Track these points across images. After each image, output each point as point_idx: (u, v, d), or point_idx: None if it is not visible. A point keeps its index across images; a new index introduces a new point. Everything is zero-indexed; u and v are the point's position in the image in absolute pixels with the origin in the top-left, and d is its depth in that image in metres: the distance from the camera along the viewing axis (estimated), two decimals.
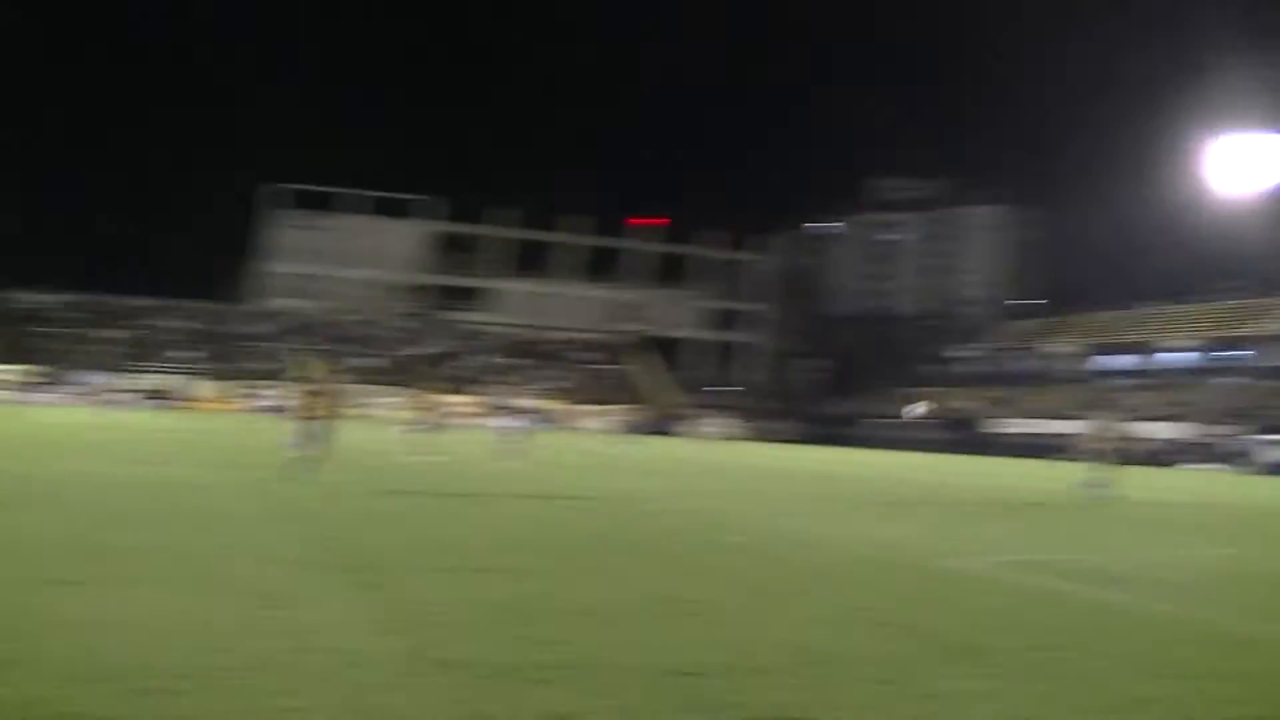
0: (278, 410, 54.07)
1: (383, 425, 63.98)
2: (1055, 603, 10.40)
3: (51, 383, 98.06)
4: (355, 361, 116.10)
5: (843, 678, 6.96)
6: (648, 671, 6.81)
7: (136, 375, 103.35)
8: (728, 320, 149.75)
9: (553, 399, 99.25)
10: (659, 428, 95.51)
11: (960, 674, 7.21)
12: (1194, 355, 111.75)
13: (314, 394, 22.81)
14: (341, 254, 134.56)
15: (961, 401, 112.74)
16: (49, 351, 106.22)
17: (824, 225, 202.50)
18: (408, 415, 37.67)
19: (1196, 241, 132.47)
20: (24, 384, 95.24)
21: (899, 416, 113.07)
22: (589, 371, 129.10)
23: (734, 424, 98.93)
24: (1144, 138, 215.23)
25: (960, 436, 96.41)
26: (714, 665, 7.05)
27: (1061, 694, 6.84)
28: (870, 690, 6.68)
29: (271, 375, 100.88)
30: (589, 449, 52.06)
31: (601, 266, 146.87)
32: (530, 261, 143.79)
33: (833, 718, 6.04)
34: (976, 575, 12.15)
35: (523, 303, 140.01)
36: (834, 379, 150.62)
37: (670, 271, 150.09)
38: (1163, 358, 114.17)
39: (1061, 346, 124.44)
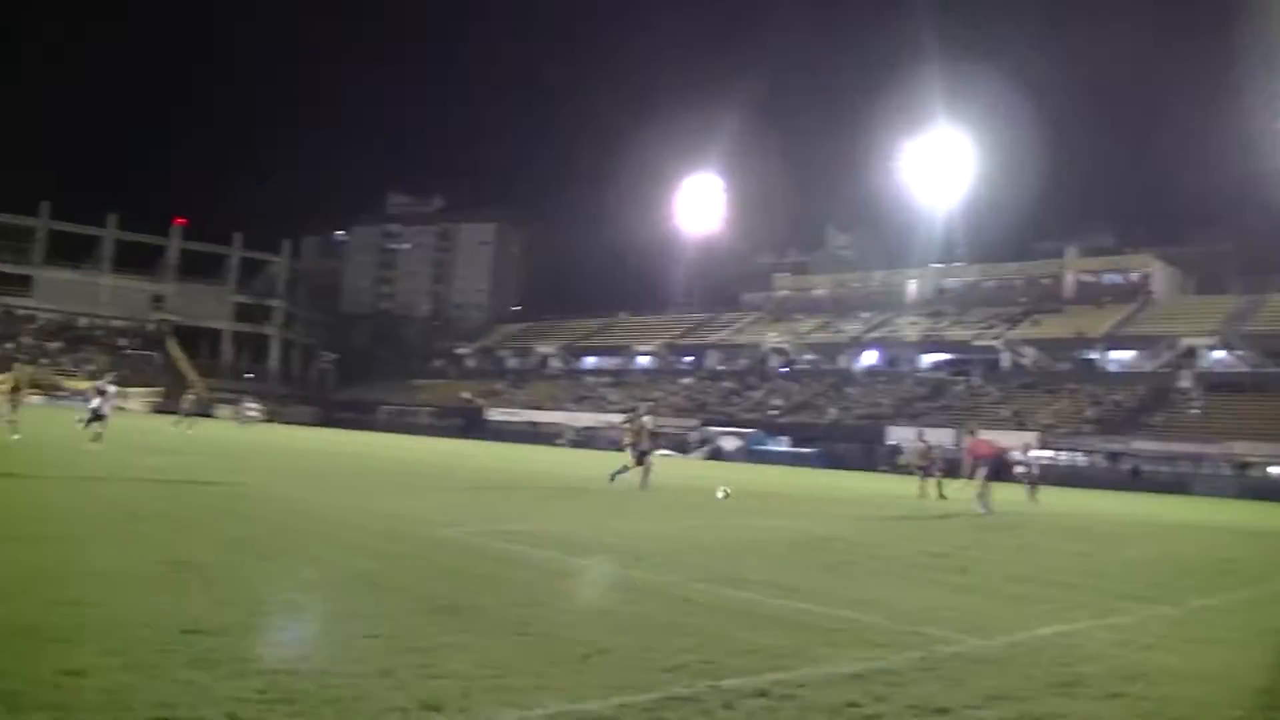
0: None
1: None
2: (531, 566, 10.59)
3: None
4: None
5: (339, 633, 6.94)
6: (158, 629, 6.57)
7: None
8: (258, 315, 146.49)
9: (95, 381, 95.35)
10: (199, 410, 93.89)
11: (444, 630, 7.26)
12: (656, 359, 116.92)
13: None
14: None
15: (464, 393, 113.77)
16: None
17: (343, 234, 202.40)
18: None
19: (660, 264, 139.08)
20: None
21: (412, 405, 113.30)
22: (127, 356, 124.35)
23: (263, 408, 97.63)
24: (617, 177, 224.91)
25: (464, 423, 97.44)
26: (218, 624, 6.86)
27: (532, 645, 6.97)
28: (362, 644, 6.65)
29: None
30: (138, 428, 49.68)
31: (142, 260, 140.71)
32: (70, 252, 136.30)
33: (325, 667, 5.97)
34: (466, 544, 12.24)
35: (62, 290, 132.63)
36: (347, 370, 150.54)
37: (207, 268, 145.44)
38: (629, 359, 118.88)
39: (545, 347, 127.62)
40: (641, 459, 29.39)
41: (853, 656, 7.24)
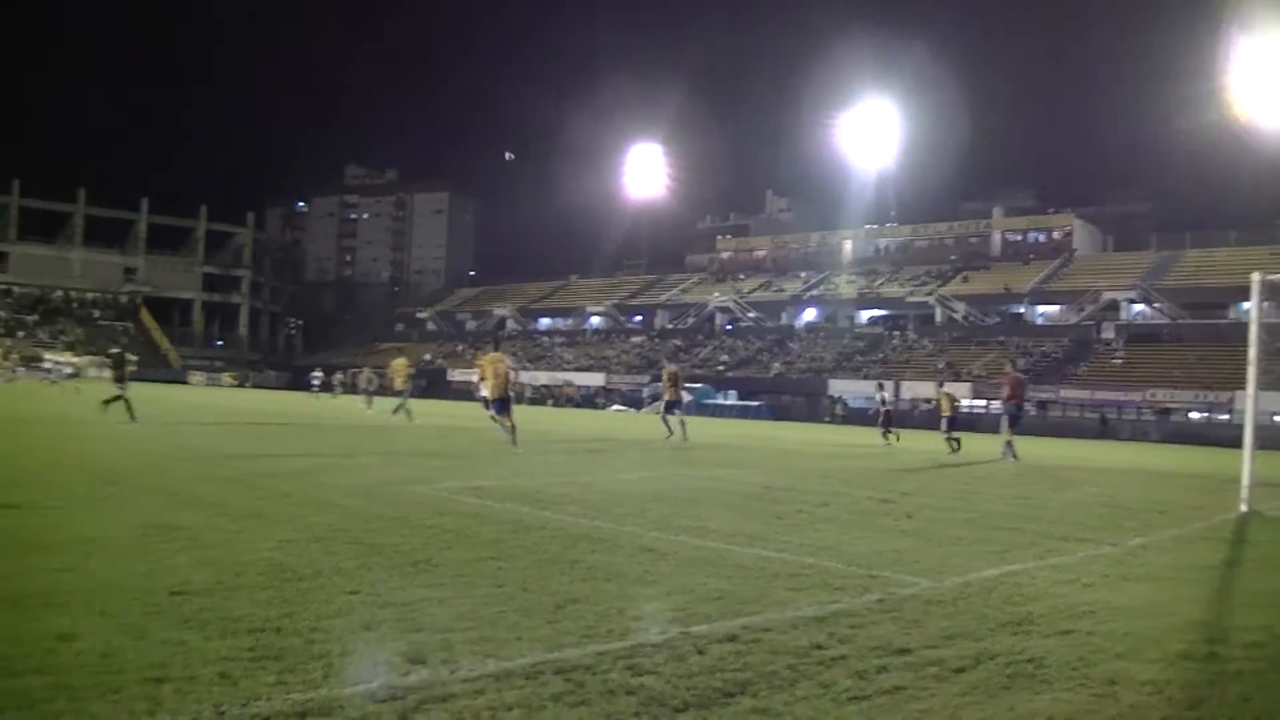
0: None
1: None
2: (501, 521, 10.50)
3: None
4: None
5: (317, 591, 6.83)
6: (145, 592, 6.51)
7: None
8: (225, 285, 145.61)
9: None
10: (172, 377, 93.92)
11: (421, 584, 7.20)
12: (607, 319, 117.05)
13: None
14: None
15: (424, 355, 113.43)
16: None
17: (303, 205, 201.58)
18: None
19: (607, 229, 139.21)
20: None
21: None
22: (100, 327, 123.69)
23: (232, 373, 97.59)
24: (565, 145, 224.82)
25: (426, 384, 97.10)
26: (202, 584, 6.79)
27: (507, 598, 6.91)
28: (341, 600, 6.58)
29: None
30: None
31: (112, 234, 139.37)
32: (42, 227, 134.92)
33: (310, 624, 5.91)
34: (438, 500, 12.11)
35: (35, 264, 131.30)
36: (313, 336, 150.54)
37: (175, 241, 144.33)
38: (581, 319, 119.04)
39: (501, 309, 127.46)
40: (670, 410, 29.22)
41: (814, 601, 7.23)
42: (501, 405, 23.37)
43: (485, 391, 24.68)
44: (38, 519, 9.39)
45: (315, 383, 71.20)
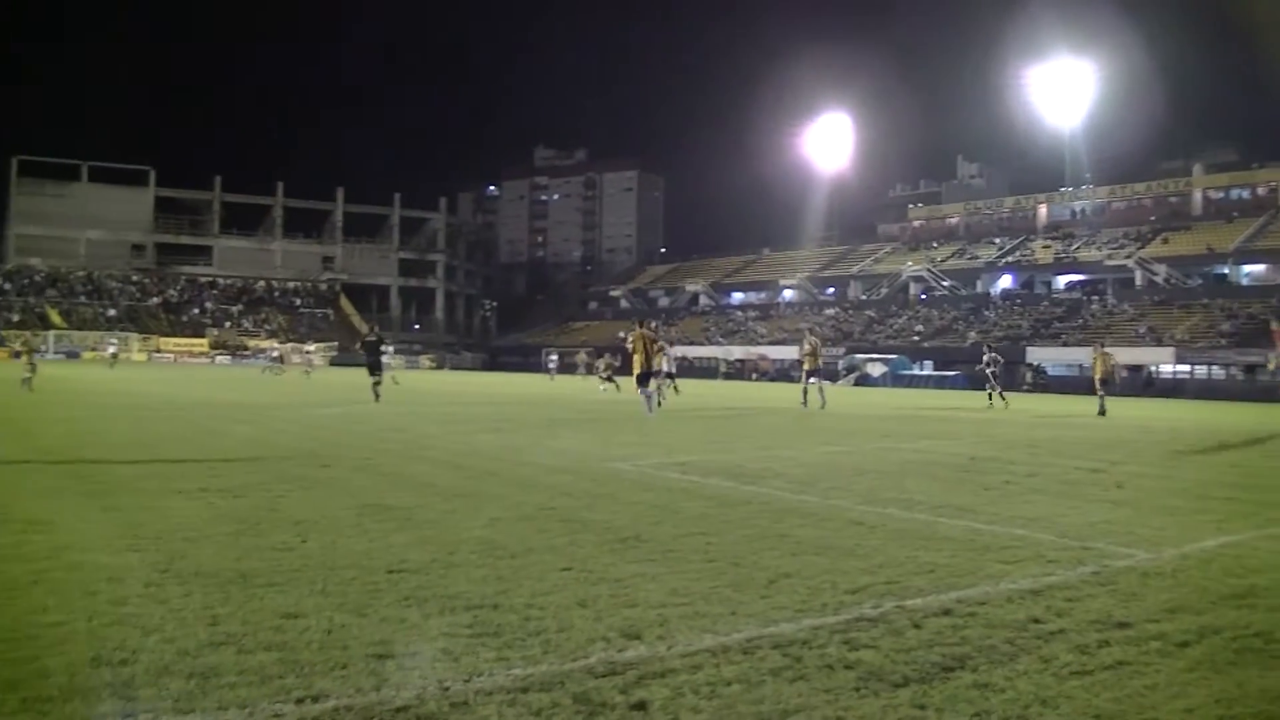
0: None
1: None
2: (706, 496, 10.53)
3: None
4: (90, 311, 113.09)
5: (530, 568, 6.91)
6: (364, 570, 6.69)
7: None
8: (421, 269, 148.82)
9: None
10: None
11: (632, 560, 7.24)
12: (800, 291, 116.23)
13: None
14: (77, 217, 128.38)
15: (618, 332, 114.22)
16: None
17: (494, 189, 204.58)
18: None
19: (797, 200, 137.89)
20: None
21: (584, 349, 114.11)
22: (302, 315, 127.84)
23: (430, 356, 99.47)
24: (751, 118, 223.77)
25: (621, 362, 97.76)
26: (419, 562, 6.95)
27: (718, 573, 6.89)
28: (554, 577, 6.65)
29: (17, 325, 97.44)
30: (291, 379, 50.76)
31: (311, 225, 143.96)
32: (244, 221, 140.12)
33: (526, 600, 5.98)
34: (641, 476, 12.20)
35: (239, 256, 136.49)
36: (507, 317, 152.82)
37: (371, 228, 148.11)
38: (774, 293, 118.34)
39: (694, 285, 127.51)
40: (810, 379, 29.56)
41: (1028, 573, 7.07)
42: (644, 378, 24.63)
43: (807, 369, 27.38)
44: (256, 500, 9.70)
45: (551, 365, 72.30)
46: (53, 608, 5.59)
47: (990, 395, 36.46)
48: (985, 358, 38.29)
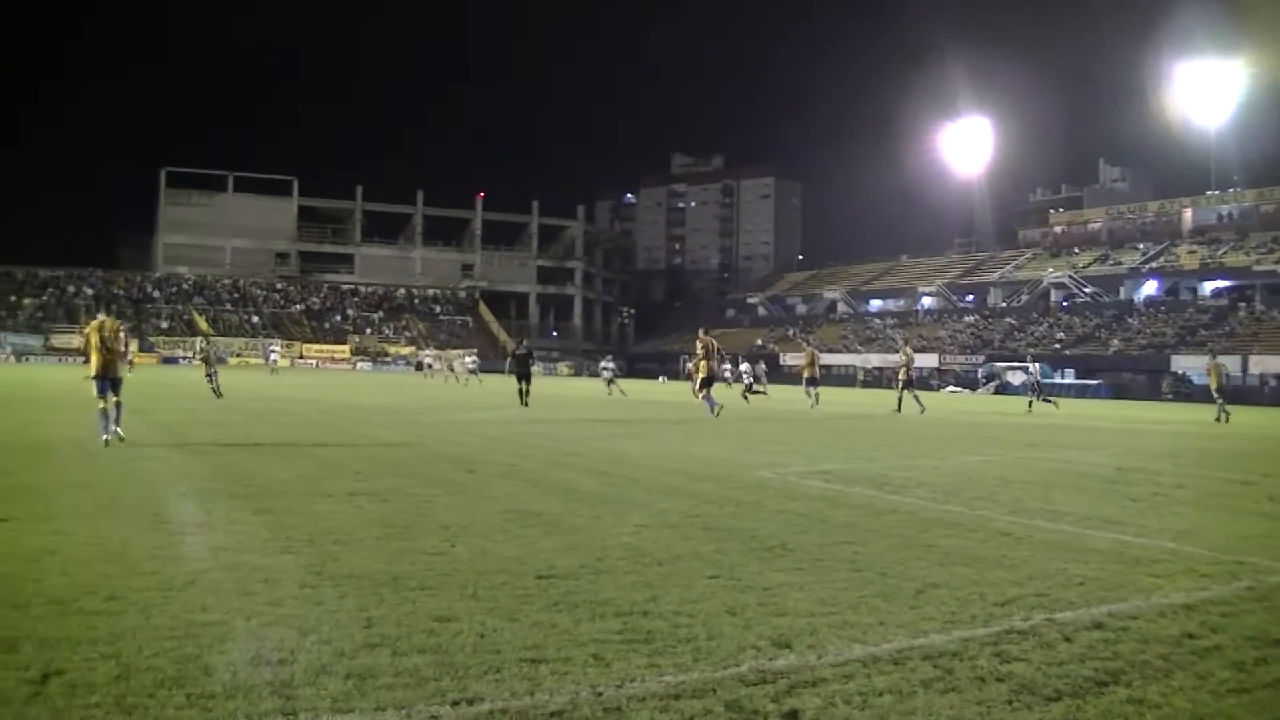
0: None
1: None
2: (851, 505, 10.47)
3: None
4: (235, 318, 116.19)
5: (677, 575, 6.94)
6: (514, 575, 6.78)
7: (53, 335, 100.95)
8: (559, 277, 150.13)
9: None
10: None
11: (779, 568, 7.23)
12: (938, 298, 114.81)
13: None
14: (222, 226, 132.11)
15: (755, 339, 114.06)
16: None
17: (632, 196, 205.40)
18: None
19: (934, 206, 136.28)
20: None
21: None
22: (442, 322, 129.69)
23: (568, 363, 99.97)
24: (887, 123, 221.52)
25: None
26: (567, 568, 7.02)
27: (866, 582, 6.87)
28: (702, 584, 6.67)
29: (165, 332, 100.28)
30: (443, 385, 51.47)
31: (450, 233, 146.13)
32: (384, 229, 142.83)
33: (675, 608, 6.01)
34: (786, 485, 12.16)
35: (379, 264, 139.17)
36: (645, 324, 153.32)
37: (509, 236, 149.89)
38: (913, 301, 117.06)
39: (831, 292, 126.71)
40: (906, 388, 30.70)
41: (1180, 588, 6.92)
42: (707, 383, 25.97)
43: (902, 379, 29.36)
44: (403, 504, 9.87)
45: (727, 372, 72.20)
46: (212, 607, 5.78)
47: (1030, 401, 37.71)
48: (1030, 367, 40.08)
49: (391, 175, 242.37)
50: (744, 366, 47.86)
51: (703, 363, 25.96)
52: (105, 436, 15.28)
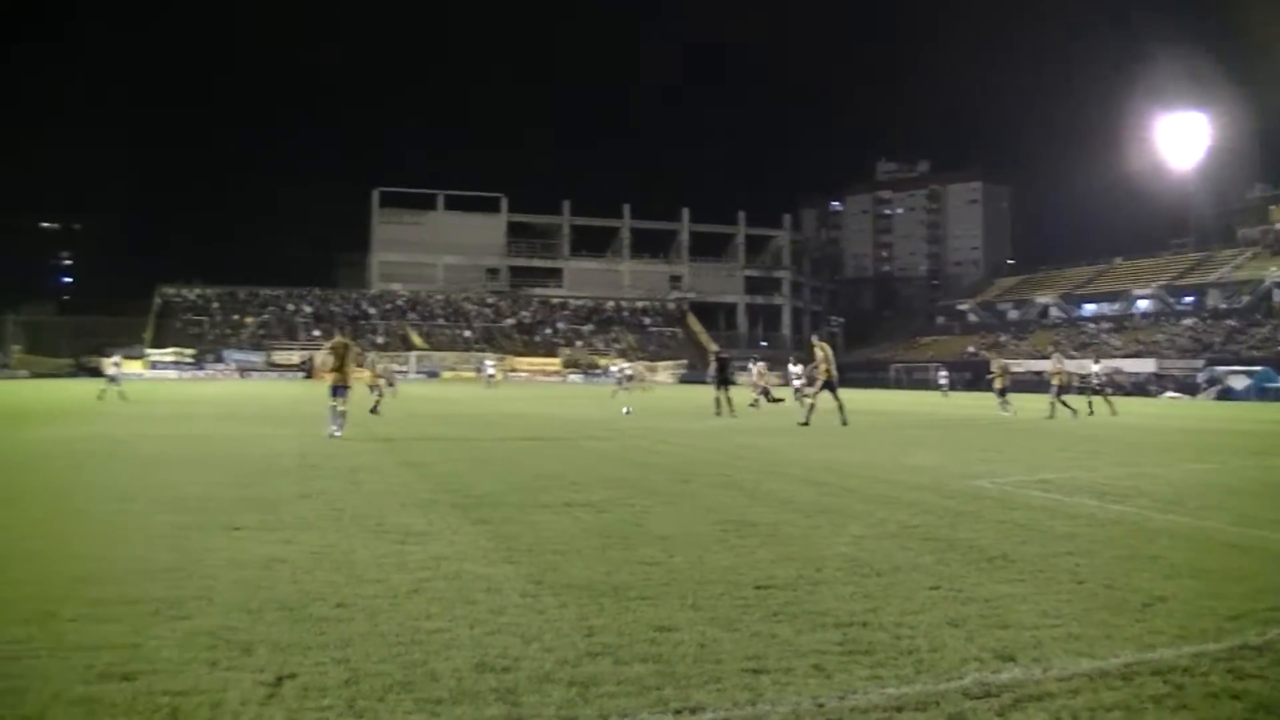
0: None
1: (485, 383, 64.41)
2: (1071, 515, 10.22)
3: (198, 362, 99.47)
4: (449, 333, 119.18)
5: (897, 586, 6.88)
6: (732, 585, 6.79)
7: (274, 352, 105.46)
8: (767, 286, 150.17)
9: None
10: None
11: (1000, 580, 7.10)
12: (1155, 301, 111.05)
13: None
14: (434, 244, 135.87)
15: (966, 347, 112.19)
16: (197, 335, 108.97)
17: (838, 204, 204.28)
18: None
19: (1148, 206, 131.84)
20: (176, 362, 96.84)
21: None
22: (651, 334, 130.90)
23: (779, 374, 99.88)
24: (1096, 120, 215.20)
25: (971, 376, 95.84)
26: (785, 579, 7.01)
27: (1090, 594, 6.71)
28: (923, 595, 6.61)
29: (381, 347, 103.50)
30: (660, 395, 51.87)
31: (657, 245, 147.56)
32: (592, 243, 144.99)
33: (895, 619, 5.96)
34: (1004, 494, 11.92)
35: (588, 278, 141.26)
36: (854, 332, 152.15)
37: (715, 247, 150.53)
38: (1128, 304, 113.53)
39: (1044, 297, 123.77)
40: (1062, 394, 31.63)
41: None
42: (827, 386, 26.17)
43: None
44: (620, 515, 9.96)
45: (943, 381, 71.54)
46: (435, 615, 5.94)
47: (1091, 403, 36.05)
48: (1095, 367, 39.04)
49: (597, 190, 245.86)
50: (795, 369, 46.82)
51: (823, 367, 26.20)
52: (335, 432, 19.55)
